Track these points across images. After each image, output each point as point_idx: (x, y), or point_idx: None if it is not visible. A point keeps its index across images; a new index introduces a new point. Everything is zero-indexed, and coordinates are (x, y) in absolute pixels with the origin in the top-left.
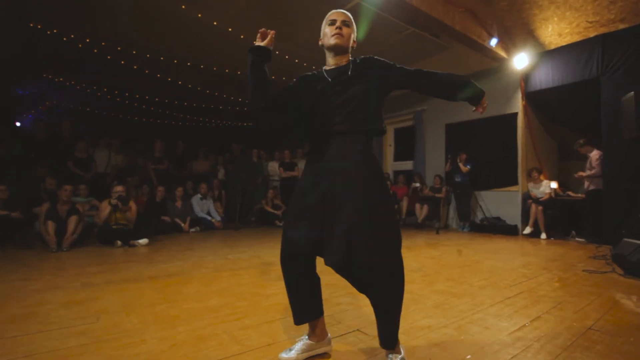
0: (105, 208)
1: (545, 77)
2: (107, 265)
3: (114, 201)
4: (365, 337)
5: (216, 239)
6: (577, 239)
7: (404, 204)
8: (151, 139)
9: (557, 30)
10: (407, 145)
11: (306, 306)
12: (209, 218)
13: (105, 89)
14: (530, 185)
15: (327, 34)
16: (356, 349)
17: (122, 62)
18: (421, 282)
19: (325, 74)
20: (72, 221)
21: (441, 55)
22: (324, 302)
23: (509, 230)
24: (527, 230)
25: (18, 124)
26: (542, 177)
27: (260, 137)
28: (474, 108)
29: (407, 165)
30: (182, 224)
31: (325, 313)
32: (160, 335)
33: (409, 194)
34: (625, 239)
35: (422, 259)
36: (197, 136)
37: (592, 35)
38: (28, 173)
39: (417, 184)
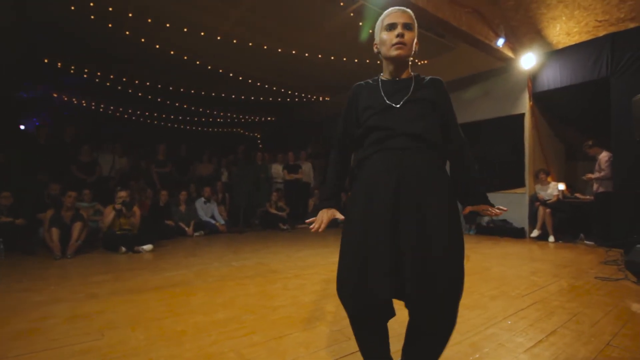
0: (109, 213)
1: (553, 77)
2: (111, 273)
3: (117, 206)
4: None
5: (220, 243)
6: (585, 242)
7: None
8: (154, 142)
9: (565, 30)
10: None
11: (380, 353)
12: (213, 222)
13: (108, 91)
14: (538, 187)
15: (386, 42)
16: None
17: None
18: None
19: (381, 88)
20: (77, 227)
21: (447, 56)
22: (332, 315)
23: (516, 233)
24: (535, 233)
25: (22, 127)
26: (549, 179)
27: (264, 140)
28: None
29: None
30: (186, 228)
31: (335, 327)
32: (167, 354)
33: None
34: (639, 246)
35: None
36: (201, 139)
37: (601, 34)
38: (31, 179)
39: None
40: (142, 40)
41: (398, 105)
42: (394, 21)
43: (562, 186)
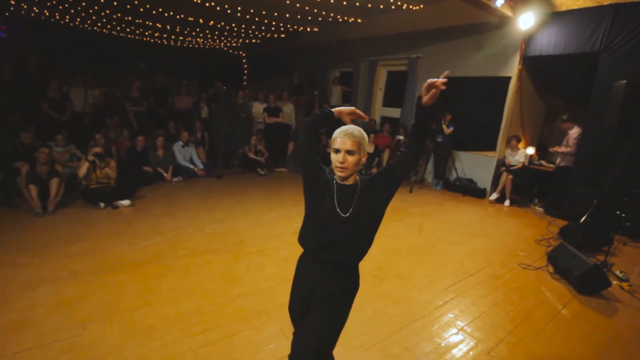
0: (83, 164)
1: (547, 43)
2: (91, 241)
3: (90, 157)
4: None
5: (197, 195)
6: (536, 208)
7: (385, 155)
8: (130, 60)
9: None
10: (398, 91)
11: None
12: (192, 167)
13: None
14: (507, 151)
15: (333, 159)
16: None
17: None
18: (371, 280)
19: (335, 186)
20: (54, 184)
21: (440, 5)
22: (280, 308)
23: (477, 193)
24: (494, 196)
25: None
26: (520, 145)
27: (249, 59)
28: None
29: (395, 112)
30: (165, 174)
31: (278, 325)
32: (136, 353)
33: (391, 146)
34: (564, 243)
35: (382, 241)
36: (182, 54)
37: (606, 2)
38: (2, 124)
39: (401, 137)
40: None
41: (346, 216)
42: (338, 147)
43: (531, 150)
